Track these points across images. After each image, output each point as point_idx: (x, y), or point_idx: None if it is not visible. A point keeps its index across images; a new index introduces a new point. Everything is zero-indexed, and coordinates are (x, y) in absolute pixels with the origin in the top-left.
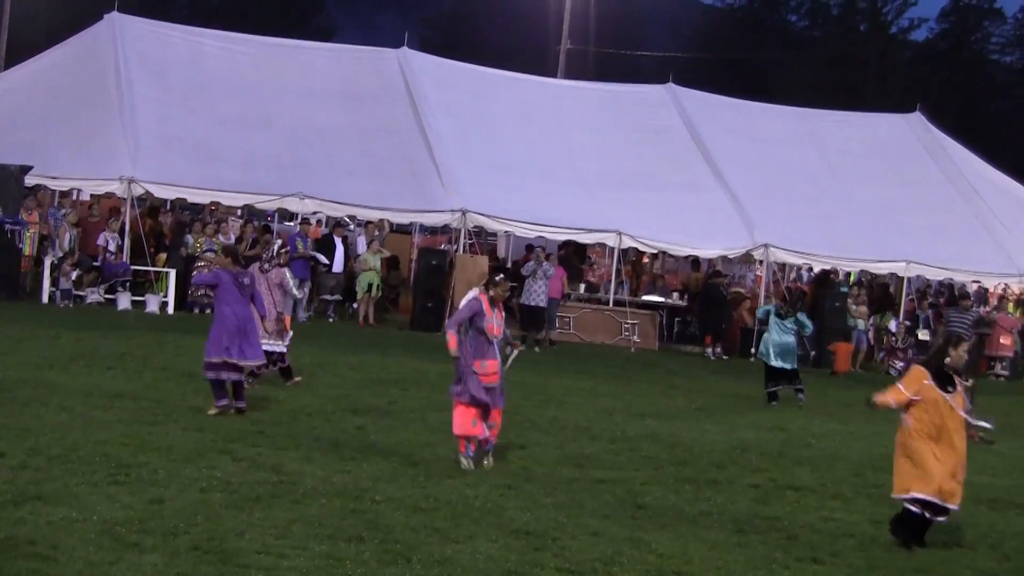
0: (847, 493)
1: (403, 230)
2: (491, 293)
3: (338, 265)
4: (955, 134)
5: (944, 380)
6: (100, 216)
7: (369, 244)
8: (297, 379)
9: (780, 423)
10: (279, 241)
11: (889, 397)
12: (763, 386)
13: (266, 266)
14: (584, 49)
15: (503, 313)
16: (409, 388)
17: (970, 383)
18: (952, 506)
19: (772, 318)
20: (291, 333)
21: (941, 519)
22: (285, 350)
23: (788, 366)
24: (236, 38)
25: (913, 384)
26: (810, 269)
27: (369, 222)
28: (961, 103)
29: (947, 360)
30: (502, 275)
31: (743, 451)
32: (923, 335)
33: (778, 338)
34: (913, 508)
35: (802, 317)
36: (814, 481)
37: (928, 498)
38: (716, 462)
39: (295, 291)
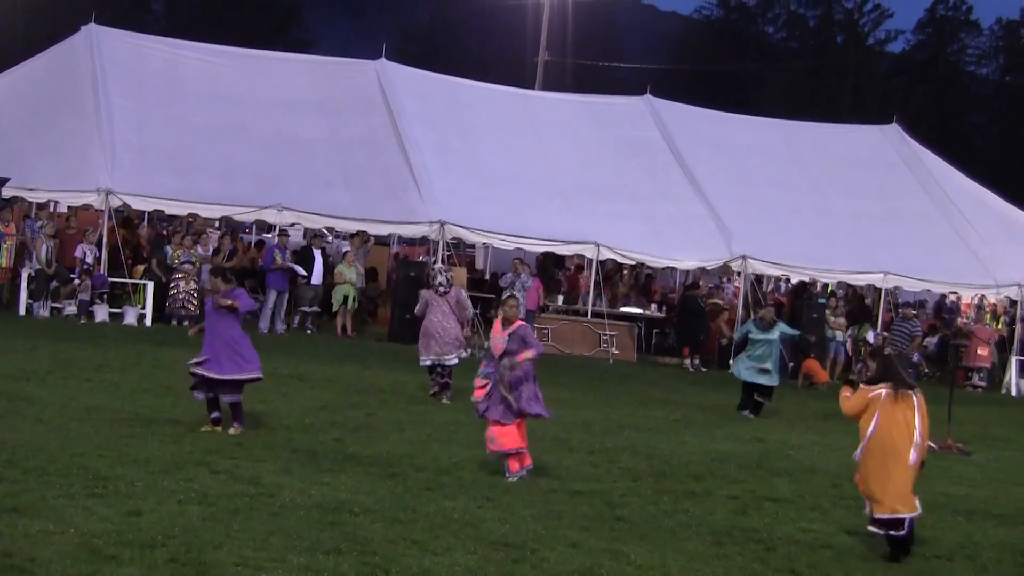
0: (825, 504)
1: (381, 241)
2: (500, 314)
3: (316, 277)
4: (932, 145)
5: None
6: (77, 228)
7: (344, 256)
8: (446, 402)
9: (758, 434)
10: (439, 266)
11: None
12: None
13: (441, 289)
14: (562, 61)
15: (513, 331)
16: (387, 400)
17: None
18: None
19: (753, 334)
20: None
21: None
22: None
23: (764, 382)
24: (213, 49)
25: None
26: (788, 280)
27: (353, 235)
28: (938, 115)
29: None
30: (511, 295)
31: (721, 462)
32: (871, 338)
33: (758, 353)
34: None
35: (783, 327)
36: (792, 492)
37: None
38: (694, 473)
39: (470, 308)
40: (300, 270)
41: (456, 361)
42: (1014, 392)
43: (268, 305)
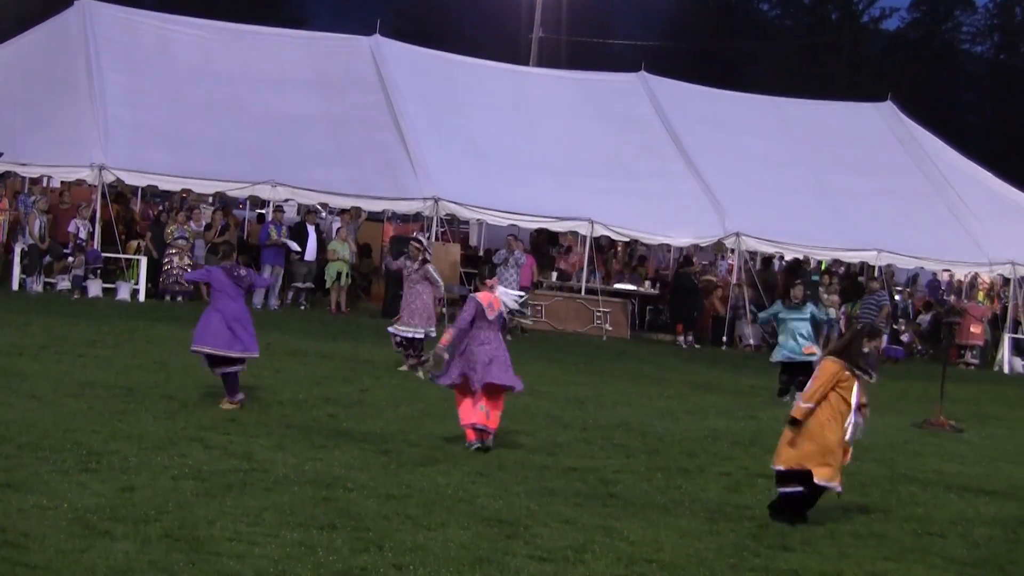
0: None
1: (375, 218)
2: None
3: (310, 253)
4: (926, 123)
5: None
6: (71, 203)
7: (337, 232)
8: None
9: (751, 411)
10: (428, 241)
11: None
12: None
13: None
14: (556, 37)
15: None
16: (381, 376)
17: (873, 380)
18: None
19: (783, 314)
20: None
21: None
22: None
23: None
24: (207, 25)
25: (826, 384)
26: (781, 258)
27: (344, 211)
28: (932, 92)
29: (865, 351)
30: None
31: (714, 439)
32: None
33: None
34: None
35: (813, 309)
36: None
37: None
38: (687, 450)
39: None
40: (295, 246)
41: None
42: (1007, 370)
43: None
